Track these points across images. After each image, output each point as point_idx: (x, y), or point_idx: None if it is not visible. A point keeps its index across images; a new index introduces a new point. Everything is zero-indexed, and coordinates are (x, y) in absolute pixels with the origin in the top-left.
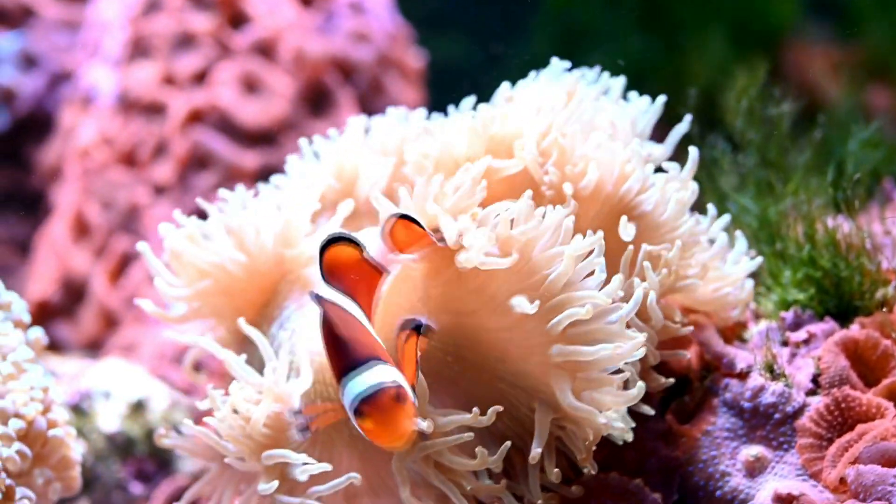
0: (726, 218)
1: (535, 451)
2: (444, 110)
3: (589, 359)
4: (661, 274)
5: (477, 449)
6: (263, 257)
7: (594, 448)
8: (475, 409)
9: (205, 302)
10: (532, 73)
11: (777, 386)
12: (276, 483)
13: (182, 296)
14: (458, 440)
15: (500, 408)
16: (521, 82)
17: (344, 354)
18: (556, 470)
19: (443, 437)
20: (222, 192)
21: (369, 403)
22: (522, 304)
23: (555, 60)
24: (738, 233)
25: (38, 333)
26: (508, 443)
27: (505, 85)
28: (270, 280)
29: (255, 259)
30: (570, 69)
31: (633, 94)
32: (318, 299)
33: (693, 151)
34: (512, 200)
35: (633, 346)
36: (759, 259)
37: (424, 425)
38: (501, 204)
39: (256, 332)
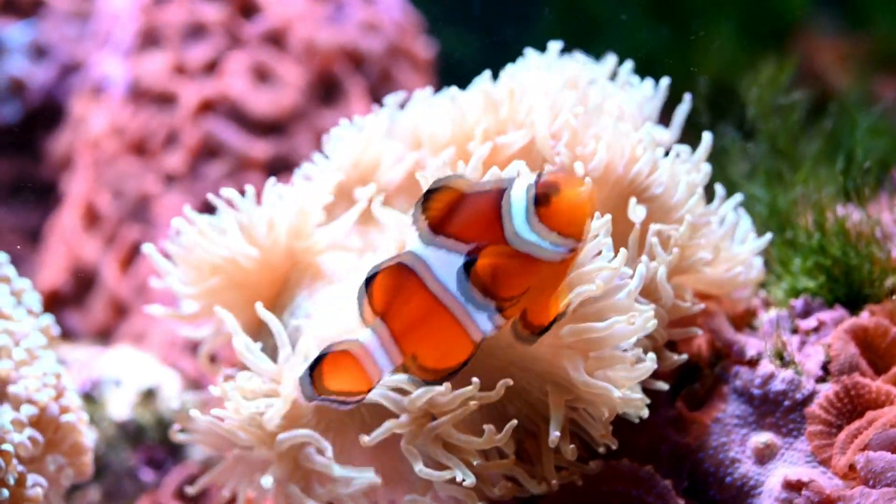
0: (738, 197)
1: (554, 434)
2: None
3: (602, 334)
4: (671, 253)
5: (485, 426)
6: (276, 250)
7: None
8: (475, 380)
9: (217, 297)
10: (531, 53)
11: (787, 373)
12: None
13: (195, 293)
14: (465, 412)
15: (509, 381)
16: (527, 62)
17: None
18: (572, 446)
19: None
20: (231, 191)
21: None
22: None
23: (551, 44)
24: (742, 211)
25: (49, 321)
26: (514, 421)
27: (509, 68)
28: (282, 272)
29: (268, 252)
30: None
31: (637, 80)
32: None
33: (706, 136)
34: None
35: (645, 318)
36: (769, 236)
37: (439, 388)
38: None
39: (272, 317)
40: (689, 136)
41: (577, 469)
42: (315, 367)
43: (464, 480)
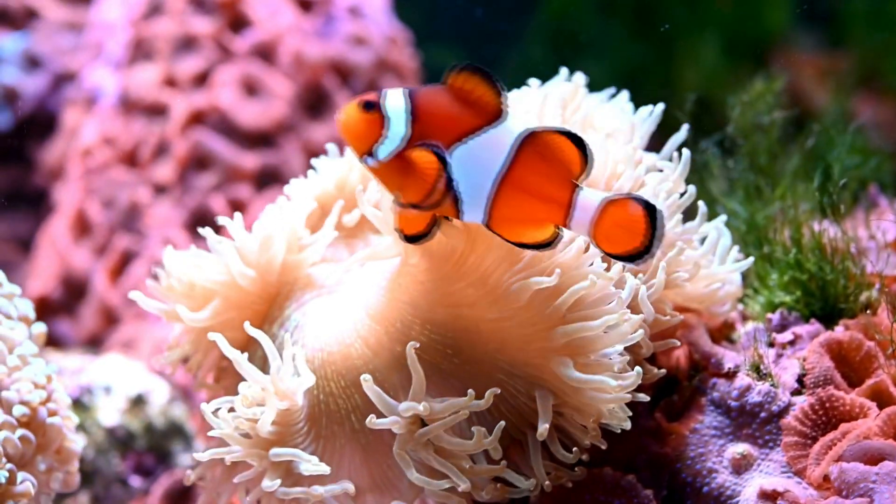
0: (723, 218)
1: (543, 426)
2: None
3: (593, 333)
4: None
5: (473, 428)
6: (271, 268)
7: (585, 445)
8: (470, 391)
9: (217, 320)
10: (532, 81)
11: (763, 386)
12: (278, 481)
13: (200, 320)
14: (455, 420)
15: (497, 390)
16: (517, 90)
17: None
18: (574, 450)
19: (441, 420)
20: (224, 219)
21: None
22: (538, 280)
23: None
24: (723, 228)
25: (41, 328)
26: (502, 423)
27: None
28: (276, 287)
29: (264, 271)
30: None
31: (624, 95)
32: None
33: (685, 153)
34: None
35: (633, 324)
36: (751, 259)
37: (421, 408)
38: None
39: (260, 332)
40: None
41: (563, 473)
42: None
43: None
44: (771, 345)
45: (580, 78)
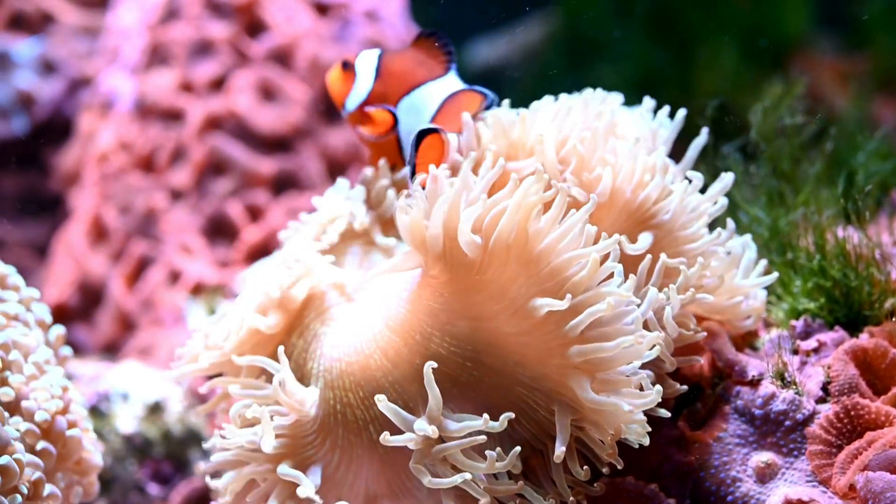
0: (746, 238)
1: (560, 449)
2: None
3: (609, 354)
4: (679, 284)
5: (487, 452)
6: (293, 304)
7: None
8: (485, 416)
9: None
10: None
11: (788, 394)
12: None
13: (222, 361)
14: (472, 442)
15: (511, 415)
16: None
17: None
18: (586, 468)
19: (457, 440)
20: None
21: None
22: (547, 304)
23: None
24: (750, 242)
25: (60, 330)
26: (518, 448)
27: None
28: (299, 312)
29: (287, 309)
30: (579, 81)
31: (649, 103)
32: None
33: (728, 176)
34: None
35: (651, 340)
36: (775, 275)
37: (431, 432)
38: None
39: (259, 358)
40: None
41: (581, 489)
42: None
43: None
44: (795, 352)
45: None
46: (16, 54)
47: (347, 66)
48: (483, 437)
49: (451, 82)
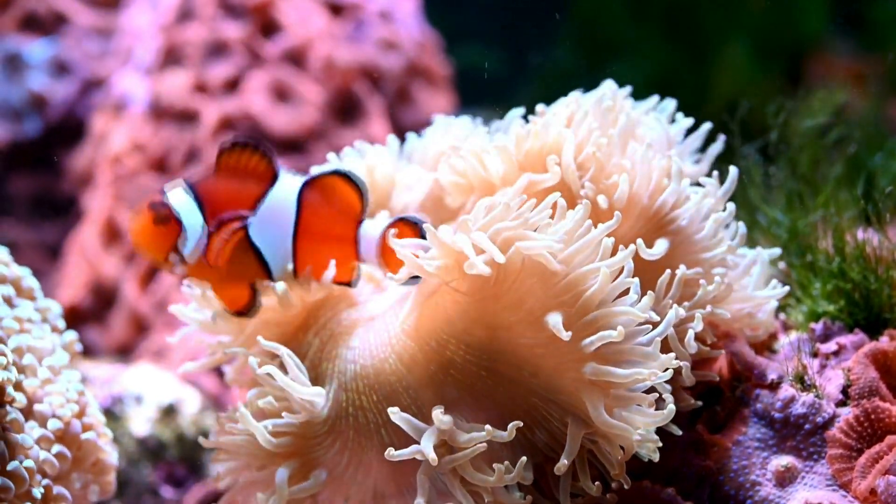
0: (758, 250)
1: (562, 461)
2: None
3: (622, 381)
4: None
5: (495, 465)
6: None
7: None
8: (487, 427)
9: (254, 337)
10: (574, 93)
11: (807, 397)
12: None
13: (239, 343)
14: (475, 452)
15: (519, 423)
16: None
17: None
18: (598, 483)
19: (465, 451)
20: None
21: None
22: (557, 325)
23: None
24: (764, 255)
25: (72, 337)
26: (524, 459)
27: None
28: (314, 300)
29: (304, 292)
30: (594, 82)
31: (671, 104)
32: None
33: (732, 171)
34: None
35: (662, 365)
36: (786, 289)
37: (431, 456)
38: (552, 197)
39: (276, 345)
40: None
41: (592, 501)
42: None
43: None
44: (814, 355)
45: (623, 90)
46: (29, 55)
47: (160, 215)
48: (484, 446)
49: (290, 180)
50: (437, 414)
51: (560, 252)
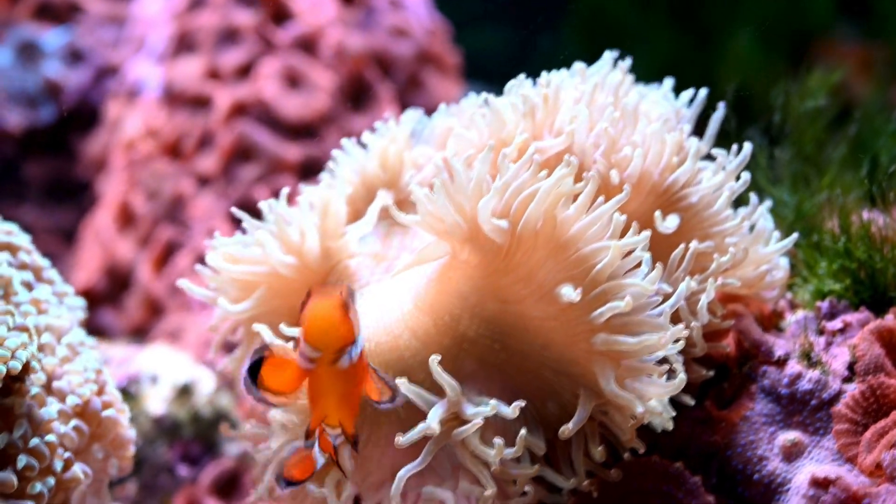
0: (767, 203)
1: (568, 427)
2: None
3: (632, 349)
4: (710, 271)
5: (495, 439)
6: (311, 255)
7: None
8: (492, 402)
9: (262, 308)
10: (578, 65)
11: (814, 373)
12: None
13: (243, 310)
14: (477, 426)
15: (522, 403)
16: (560, 72)
17: None
18: (600, 448)
19: (472, 424)
20: (266, 202)
21: None
22: (568, 293)
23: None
24: (766, 212)
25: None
26: (523, 432)
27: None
28: (321, 274)
29: (305, 257)
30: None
31: (668, 83)
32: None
33: (747, 146)
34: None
35: (673, 335)
36: (794, 236)
37: (436, 430)
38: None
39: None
40: (716, 142)
41: (599, 473)
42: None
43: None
44: (821, 333)
45: (625, 65)
46: (43, 43)
47: (347, 305)
48: (481, 421)
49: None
50: (448, 379)
51: (570, 222)
